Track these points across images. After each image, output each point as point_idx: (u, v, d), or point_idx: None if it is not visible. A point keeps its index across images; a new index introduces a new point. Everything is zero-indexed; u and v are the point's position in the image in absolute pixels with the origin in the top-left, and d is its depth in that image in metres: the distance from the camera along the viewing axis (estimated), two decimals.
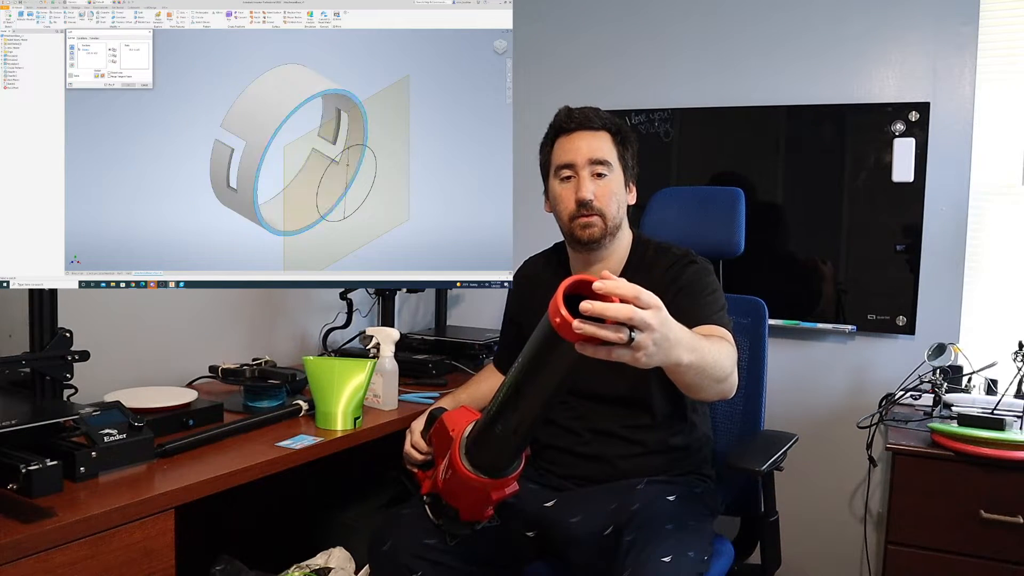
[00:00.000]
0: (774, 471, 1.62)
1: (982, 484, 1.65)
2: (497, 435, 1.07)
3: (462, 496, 1.17)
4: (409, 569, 1.34)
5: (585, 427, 1.51)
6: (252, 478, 1.32)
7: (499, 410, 1.04)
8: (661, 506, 1.37)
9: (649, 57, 2.44)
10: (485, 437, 1.09)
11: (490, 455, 1.10)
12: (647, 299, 0.90)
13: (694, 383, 1.19)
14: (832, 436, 2.24)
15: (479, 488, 1.12)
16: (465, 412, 1.21)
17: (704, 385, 1.20)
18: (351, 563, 1.68)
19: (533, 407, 1.01)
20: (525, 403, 1.01)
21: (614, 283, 0.89)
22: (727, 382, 1.25)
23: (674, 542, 1.26)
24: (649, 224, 1.90)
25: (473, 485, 1.12)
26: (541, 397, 1.00)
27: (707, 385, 1.20)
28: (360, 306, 2.31)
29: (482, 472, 1.11)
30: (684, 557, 1.24)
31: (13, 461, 1.12)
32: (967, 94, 2.09)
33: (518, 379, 0.99)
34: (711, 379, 1.19)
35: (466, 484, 1.13)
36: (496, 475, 1.11)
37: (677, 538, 1.28)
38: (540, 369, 0.95)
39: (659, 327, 0.91)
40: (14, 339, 1.39)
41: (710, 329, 1.33)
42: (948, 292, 2.13)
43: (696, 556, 1.27)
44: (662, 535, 1.28)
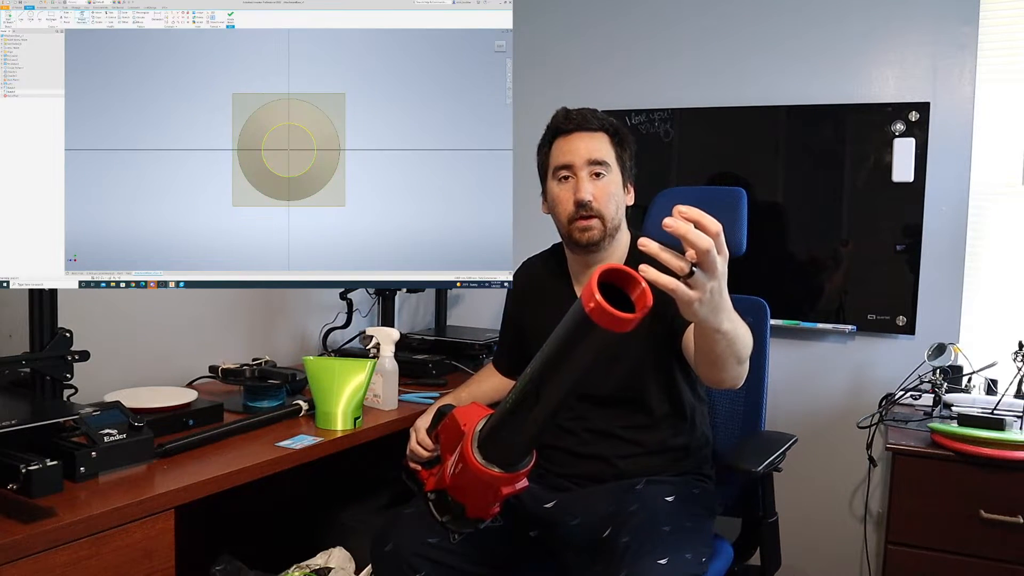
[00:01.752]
0: (772, 472, 1.62)
1: (982, 484, 1.64)
2: (515, 427, 1.06)
3: (471, 491, 1.17)
4: (412, 568, 1.34)
5: (584, 428, 1.51)
6: (252, 478, 1.32)
7: (520, 400, 1.03)
8: (659, 507, 1.37)
9: (649, 57, 2.44)
10: (502, 429, 1.09)
11: (504, 448, 1.10)
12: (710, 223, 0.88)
13: (722, 356, 1.13)
14: (832, 436, 2.24)
15: (490, 482, 1.12)
16: (476, 407, 1.21)
17: (728, 362, 1.15)
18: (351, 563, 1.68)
19: (554, 398, 1.00)
20: (547, 394, 1.00)
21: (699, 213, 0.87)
22: (744, 365, 1.20)
23: (671, 544, 1.26)
24: (653, 224, 1.90)
25: (484, 479, 1.11)
26: (565, 387, 0.98)
27: (730, 363, 1.15)
28: (360, 306, 2.31)
29: (495, 465, 1.10)
30: (680, 559, 1.24)
31: (13, 461, 1.12)
32: (967, 94, 2.09)
33: (543, 370, 0.97)
34: (735, 356, 1.14)
35: (477, 478, 1.12)
36: (508, 469, 1.11)
37: (674, 540, 1.28)
38: (566, 358, 0.94)
39: (721, 277, 0.91)
40: (14, 339, 1.39)
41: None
42: (948, 292, 2.13)
43: (693, 557, 1.27)
44: (659, 537, 1.28)
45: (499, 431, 1.09)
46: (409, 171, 1.41)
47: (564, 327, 0.93)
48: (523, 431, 1.07)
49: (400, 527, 1.39)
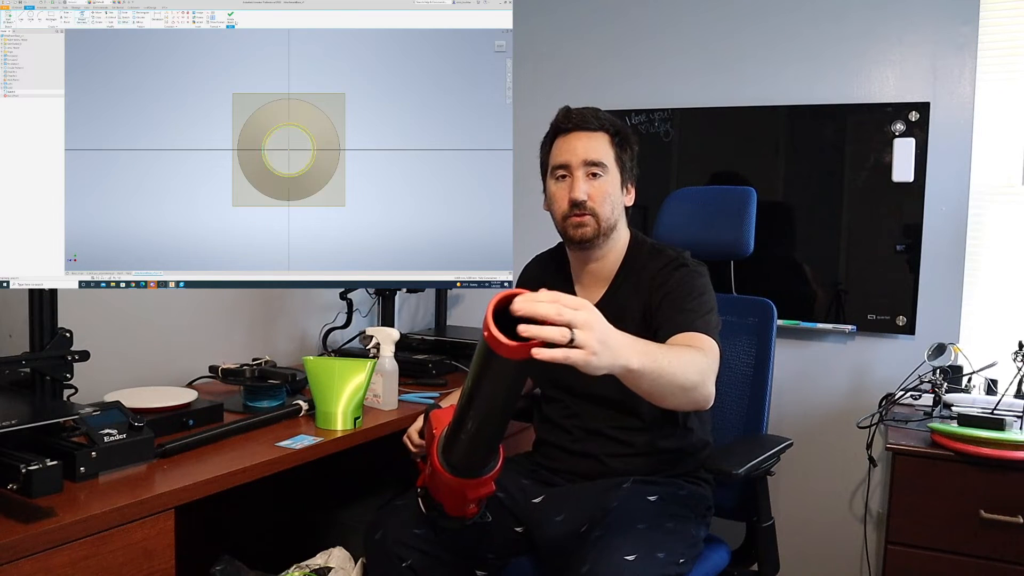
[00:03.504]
0: (767, 476, 1.61)
1: (982, 484, 1.64)
2: (462, 439, 1.08)
3: (443, 493, 1.19)
4: (399, 557, 1.35)
5: (577, 425, 1.52)
6: (252, 478, 1.32)
7: (460, 415, 1.06)
8: (639, 506, 1.37)
9: (649, 57, 2.44)
10: (453, 440, 1.10)
11: (461, 456, 1.11)
12: (571, 300, 0.93)
13: (654, 391, 1.13)
14: (832, 436, 2.24)
15: (455, 487, 1.14)
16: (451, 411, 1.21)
17: (667, 394, 1.15)
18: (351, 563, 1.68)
19: (487, 414, 1.03)
20: (478, 411, 1.02)
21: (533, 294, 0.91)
22: (697, 391, 1.19)
23: (644, 542, 1.26)
24: (663, 226, 1.90)
25: (450, 484, 1.13)
26: (492, 405, 1.01)
27: (670, 394, 1.15)
28: (360, 306, 2.31)
29: (456, 472, 1.12)
30: (651, 558, 1.23)
31: (13, 461, 1.11)
32: (967, 94, 2.09)
33: (470, 389, 1.00)
34: (675, 387, 1.14)
35: (444, 483, 1.14)
36: (470, 475, 1.12)
37: (648, 538, 1.27)
38: (483, 381, 0.97)
39: (595, 324, 0.94)
40: (14, 339, 1.39)
41: (688, 337, 1.31)
42: (948, 292, 2.13)
43: (667, 558, 1.26)
44: (632, 534, 1.27)
45: (452, 442, 1.11)
46: (409, 171, 1.41)
47: (477, 353, 0.96)
48: (469, 445, 1.08)
49: (391, 517, 1.41)
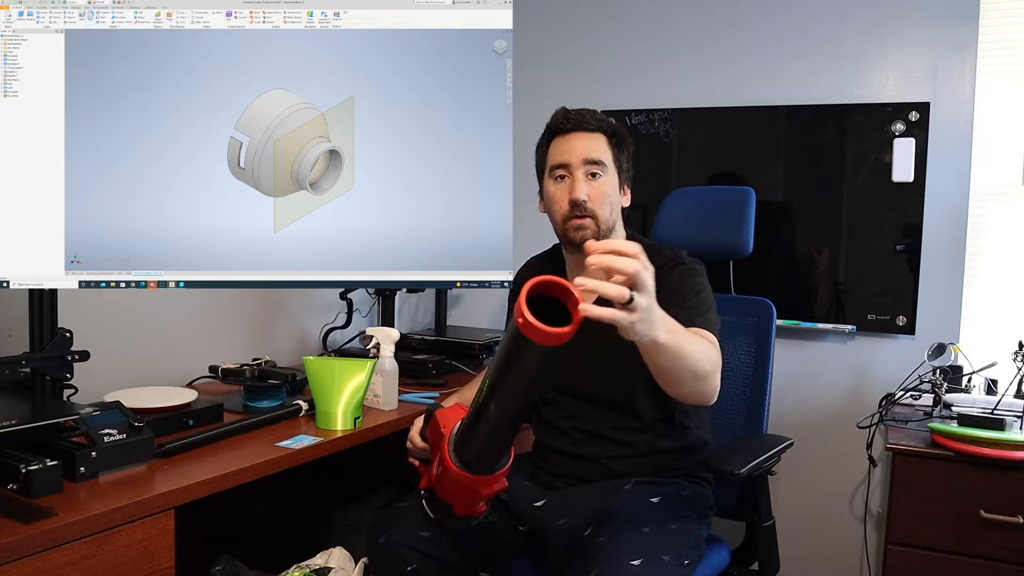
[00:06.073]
0: (767, 476, 1.61)
1: (982, 484, 1.64)
2: (479, 433, 1.08)
3: (454, 492, 1.18)
4: (404, 560, 1.35)
5: (575, 427, 1.51)
6: (252, 478, 1.32)
7: (478, 409, 1.06)
8: (642, 508, 1.37)
9: (649, 57, 2.44)
10: (469, 435, 1.10)
11: (475, 452, 1.11)
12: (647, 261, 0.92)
13: (671, 369, 1.16)
14: (832, 436, 2.23)
15: (468, 484, 1.13)
16: (458, 409, 1.21)
17: (682, 377, 1.18)
18: (351, 563, 1.68)
19: (508, 406, 1.03)
20: (500, 403, 1.02)
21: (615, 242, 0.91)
22: (707, 381, 1.22)
23: (649, 545, 1.26)
24: (662, 225, 1.90)
25: (462, 481, 1.13)
26: (514, 396, 1.01)
27: (685, 378, 1.18)
28: (360, 306, 2.31)
29: (470, 469, 1.12)
30: (657, 561, 1.23)
31: (13, 461, 1.12)
32: (967, 94, 2.09)
33: (492, 379, 1.00)
34: (689, 371, 1.17)
35: (456, 480, 1.14)
36: (484, 471, 1.12)
37: (653, 541, 1.27)
38: (509, 369, 0.97)
39: (652, 290, 0.95)
40: (14, 339, 1.39)
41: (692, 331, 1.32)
42: (948, 292, 2.13)
43: (672, 560, 1.26)
44: (637, 538, 1.27)
45: (467, 438, 1.11)
46: (409, 171, 1.41)
47: (505, 340, 0.95)
48: (487, 439, 1.09)
49: (394, 520, 1.40)
